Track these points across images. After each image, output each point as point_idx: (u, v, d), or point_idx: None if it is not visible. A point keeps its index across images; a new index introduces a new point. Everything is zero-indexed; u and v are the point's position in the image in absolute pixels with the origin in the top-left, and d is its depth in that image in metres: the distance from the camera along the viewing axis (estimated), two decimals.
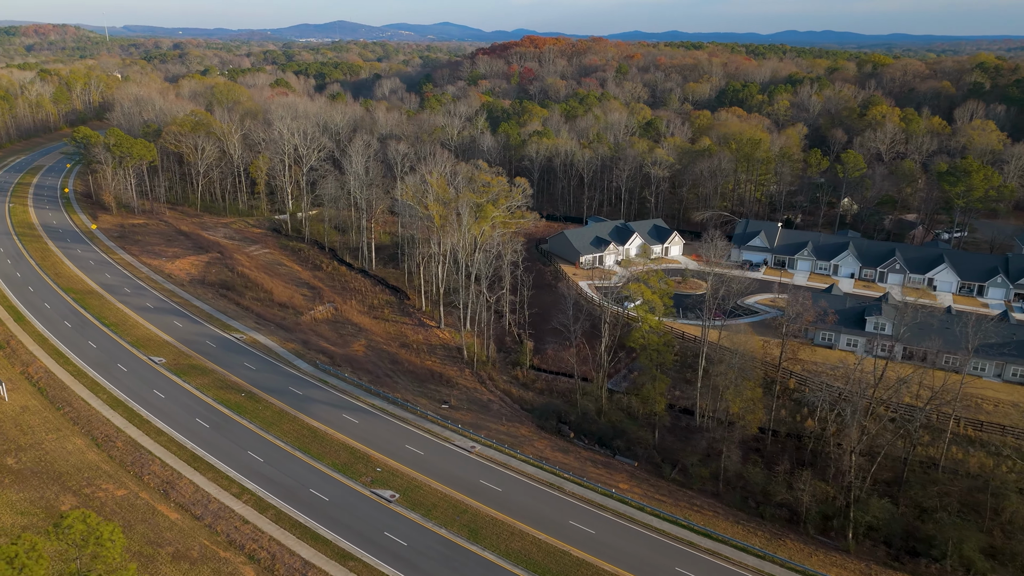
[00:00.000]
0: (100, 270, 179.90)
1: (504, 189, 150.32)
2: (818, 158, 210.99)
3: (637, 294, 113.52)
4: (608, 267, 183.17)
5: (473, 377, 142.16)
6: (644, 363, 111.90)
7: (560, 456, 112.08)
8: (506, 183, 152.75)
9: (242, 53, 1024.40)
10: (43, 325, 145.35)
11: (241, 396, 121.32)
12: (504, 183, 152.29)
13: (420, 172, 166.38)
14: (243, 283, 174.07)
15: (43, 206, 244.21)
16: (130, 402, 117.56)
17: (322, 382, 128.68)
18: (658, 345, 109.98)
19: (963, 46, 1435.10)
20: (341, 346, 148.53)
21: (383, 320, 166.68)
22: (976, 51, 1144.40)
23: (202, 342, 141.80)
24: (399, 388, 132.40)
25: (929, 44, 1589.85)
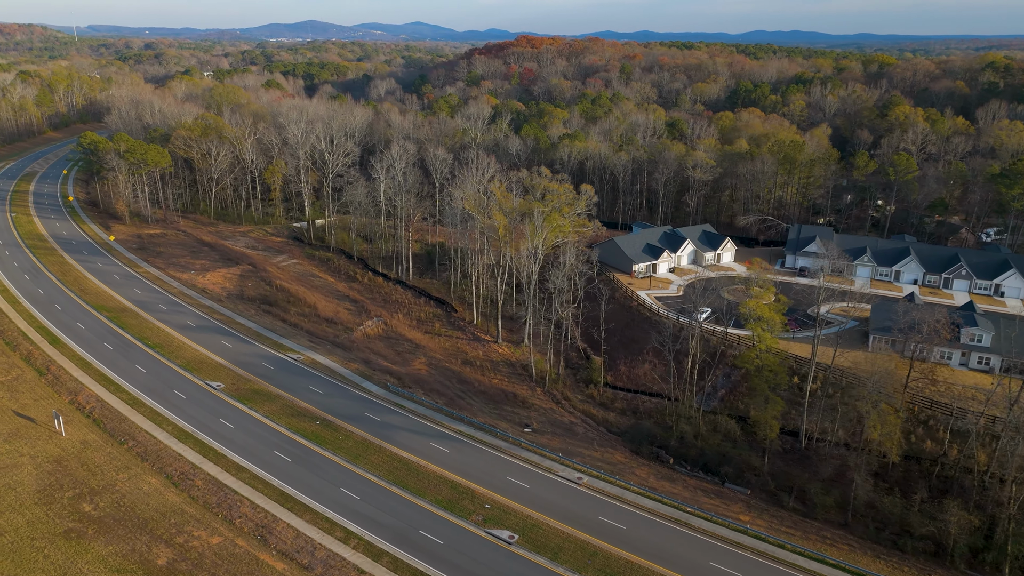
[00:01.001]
0: (128, 285, 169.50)
1: (569, 196, 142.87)
2: (865, 160, 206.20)
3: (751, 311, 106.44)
4: (662, 275, 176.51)
5: (547, 397, 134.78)
6: (757, 385, 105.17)
7: (667, 485, 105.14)
8: (572, 190, 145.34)
9: (219, 53, 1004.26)
10: (82, 347, 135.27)
11: (316, 424, 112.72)
12: (571, 190, 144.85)
13: (476, 180, 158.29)
14: (285, 298, 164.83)
15: (48, 215, 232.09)
16: (198, 434, 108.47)
17: (397, 406, 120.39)
18: (774, 366, 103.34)
19: (932, 45, 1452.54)
20: (402, 364, 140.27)
21: (435, 335, 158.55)
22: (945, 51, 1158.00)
23: (258, 364, 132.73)
24: (474, 410, 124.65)
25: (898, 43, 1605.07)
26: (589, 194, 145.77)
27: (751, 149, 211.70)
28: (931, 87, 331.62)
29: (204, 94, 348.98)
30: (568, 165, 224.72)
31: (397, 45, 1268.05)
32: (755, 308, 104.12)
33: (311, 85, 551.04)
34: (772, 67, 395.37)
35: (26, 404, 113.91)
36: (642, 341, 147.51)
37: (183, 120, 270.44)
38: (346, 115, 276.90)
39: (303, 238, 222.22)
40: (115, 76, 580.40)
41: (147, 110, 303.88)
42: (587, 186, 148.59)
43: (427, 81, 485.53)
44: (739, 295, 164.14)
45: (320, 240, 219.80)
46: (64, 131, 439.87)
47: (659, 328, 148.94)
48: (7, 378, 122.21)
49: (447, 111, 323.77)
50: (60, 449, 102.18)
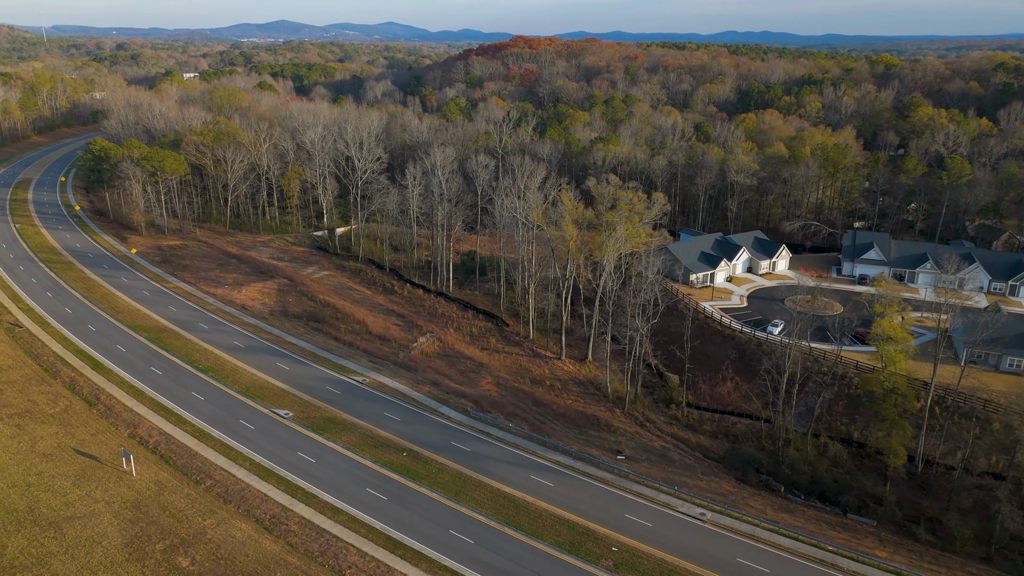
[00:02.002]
0: (160, 302, 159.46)
1: (642, 205, 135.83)
2: (914, 163, 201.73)
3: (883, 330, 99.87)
4: (720, 285, 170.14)
5: (628, 419, 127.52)
6: (884, 409, 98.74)
7: (787, 517, 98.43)
8: (645, 198, 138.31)
9: (196, 54, 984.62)
10: (129, 373, 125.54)
11: (403, 456, 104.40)
12: (644, 198, 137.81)
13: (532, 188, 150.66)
14: (332, 314, 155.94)
15: (55, 226, 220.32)
16: (279, 470, 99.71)
17: (482, 433, 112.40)
18: (904, 389, 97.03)
19: (903, 46, 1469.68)
20: (470, 385, 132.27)
21: (493, 352, 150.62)
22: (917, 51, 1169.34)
23: (322, 388, 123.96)
24: (559, 435, 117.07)
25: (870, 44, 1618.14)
26: (661, 202, 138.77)
27: (795, 152, 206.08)
28: (945, 88, 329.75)
29: (203, 97, 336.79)
30: (601, 170, 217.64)
31: (376, 46, 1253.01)
32: (887, 327, 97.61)
33: (300, 87, 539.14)
34: (780, 68, 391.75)
35: (84, 440, 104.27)
36: (717, 357, 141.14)
37: (190, 125, 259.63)
38: (360, 119, 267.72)
39: (327, 247, 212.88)
40: (96, 78, 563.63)
41: (146, 114, 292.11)
42: (659, 194, 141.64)
43: (422, 82, 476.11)
44: (805, 305, 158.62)
45: (346, 250, 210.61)
46: (49, 135, 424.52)
47: (735, 343, 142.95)
48: (55, 410, 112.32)
49: (457, 114, 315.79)
50: (135, 492, 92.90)
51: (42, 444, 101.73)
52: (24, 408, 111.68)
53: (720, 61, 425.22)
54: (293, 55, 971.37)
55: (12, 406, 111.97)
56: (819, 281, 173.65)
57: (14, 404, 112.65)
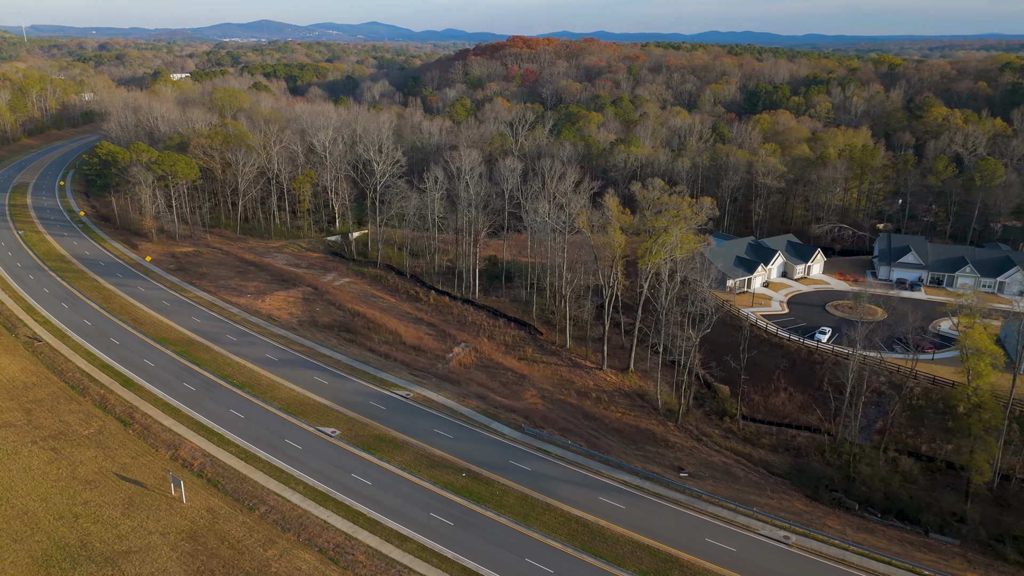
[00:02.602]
0: (183, 313, 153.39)
1: (690, 210, 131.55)
2: (944, 164, 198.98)
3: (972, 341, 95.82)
4: (757, 291, 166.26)
5: (683, 433, 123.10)
6: (970, 424, 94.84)
7: (868, 538, 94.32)
8: (693, 202, 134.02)
9: (183, 54, 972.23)
10: (161, 389, 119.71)
11: (462, 477, 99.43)
12: (693, 203, 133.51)
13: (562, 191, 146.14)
14: (363, 324, 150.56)
15: (60, 233, 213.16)
16: (336, 494, 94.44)
17: (540, 451, 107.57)
18: (991, 404, 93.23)
19: (887, 45, 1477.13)
20: (514, 398, 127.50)
21: (531, 362, 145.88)
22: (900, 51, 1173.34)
23: (365, 403, 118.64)
24: (615, 451, 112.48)
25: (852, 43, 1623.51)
26: (708, 206, 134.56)
27: (823, 153, 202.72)
28: (953, 88, 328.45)
29: (204, 98, 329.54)
30: (623, 172, 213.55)
31: (364, 45, 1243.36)
32: (976, 338, 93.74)
33: (294, 87, 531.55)
34: (783, 68, 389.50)
35: (126, 464, 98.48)
36: (767, 366, 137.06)
37: (195, 127, 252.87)
38: (369, 121, 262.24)
39: (343, 253, 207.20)
40: (84, 79, 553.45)
41: (146, 116, 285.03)
42: (707, 199, 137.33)
43: (420, 83, 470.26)
44: (848, 312, 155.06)
45: (363, 255, 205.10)
46: (40, 137, 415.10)
47: (784, 351, 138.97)
48: (90, 431, 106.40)
49: (463, 115, 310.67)
50: (188, 521, 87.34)
51: (82, 469, 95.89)
52: (57, 429, 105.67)
53: (723, 61, 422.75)
54: (281, 55, 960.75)
55: (44, 427, 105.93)
56: (856, 286, 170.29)
57: (46, 425, 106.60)
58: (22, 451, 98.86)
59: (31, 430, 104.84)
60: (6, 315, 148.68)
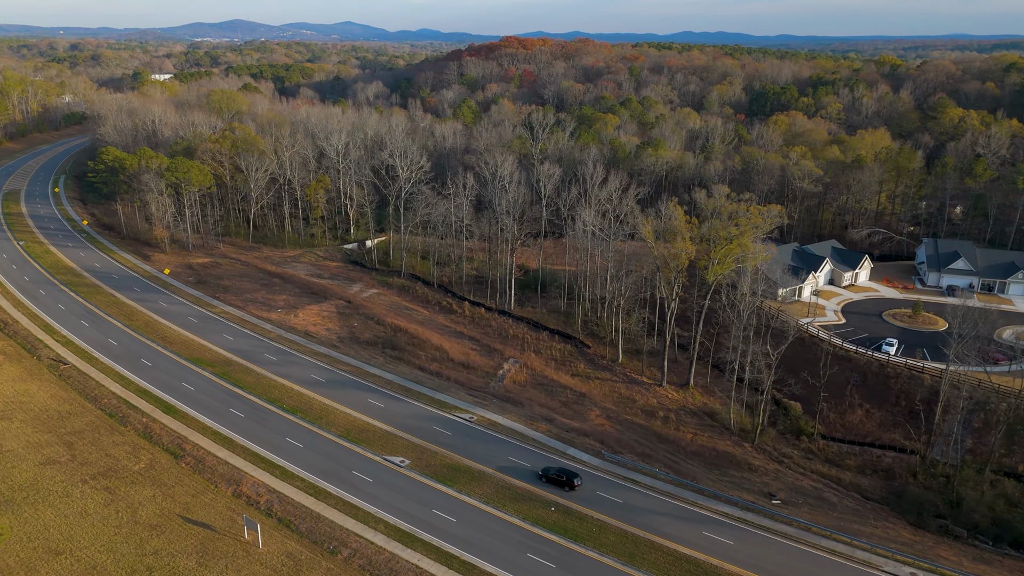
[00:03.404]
0: (213, 330, 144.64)
1: (760, 218, 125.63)
2: (983, 167, 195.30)
3: None
4: (807, 300, 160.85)
5: (761, 454, 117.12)
6: None
7: (988, 569, 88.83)
8: (764, 209, 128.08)
9: (160, 54, 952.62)
10: (207, 416, 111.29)
11: (551, 511, 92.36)
12: (763, 211, 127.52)
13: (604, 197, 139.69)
14: (407, 340, 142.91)
15: (64, 243, 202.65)
16: (421, 533, 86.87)
17: (628, 481, 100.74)
18: None
19: (861, 46, 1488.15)
20: (579, 419, 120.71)
21: (585, 378, 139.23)
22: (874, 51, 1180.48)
23: (428, 428, 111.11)
24: (699, 476, 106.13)
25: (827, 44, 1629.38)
26: (776, 214, 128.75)
27: (859, 156, 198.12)
28: (962, 88, 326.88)
29: (200, 100, 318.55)
30: (653, 175, 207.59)
31: (343, 46, 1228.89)
32: None
33: (282, 88, 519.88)
34: (787, 69, 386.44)
35: (188, 504, 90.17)
36: (836, 381, 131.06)
37: (199, 131, 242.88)
38: (380, 124, 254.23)
39: (363, 262, 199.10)
40: (65, 80, 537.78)
41: (143, 120, 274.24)
42: (776, 206, 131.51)
43: (413, 83, 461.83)
44: (907, 321, 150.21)
45: (385, 264, 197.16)
46: (22, 141, 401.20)
47: (852, 365, 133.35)
48: (140, 466, 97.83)
49: (470, 117, 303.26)
50: (270, 570, 79.42)
51: (143, 512, 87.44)
52: (106, 465, 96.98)
53: (724, 62, 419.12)
54: (260, 55, 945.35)
55: (91, 463, 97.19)
56: (906, 293, 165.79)
57: (93, 461, 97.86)
58: (73, 492, 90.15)
59: (77, 467, 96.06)
60: (24, 335, 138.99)
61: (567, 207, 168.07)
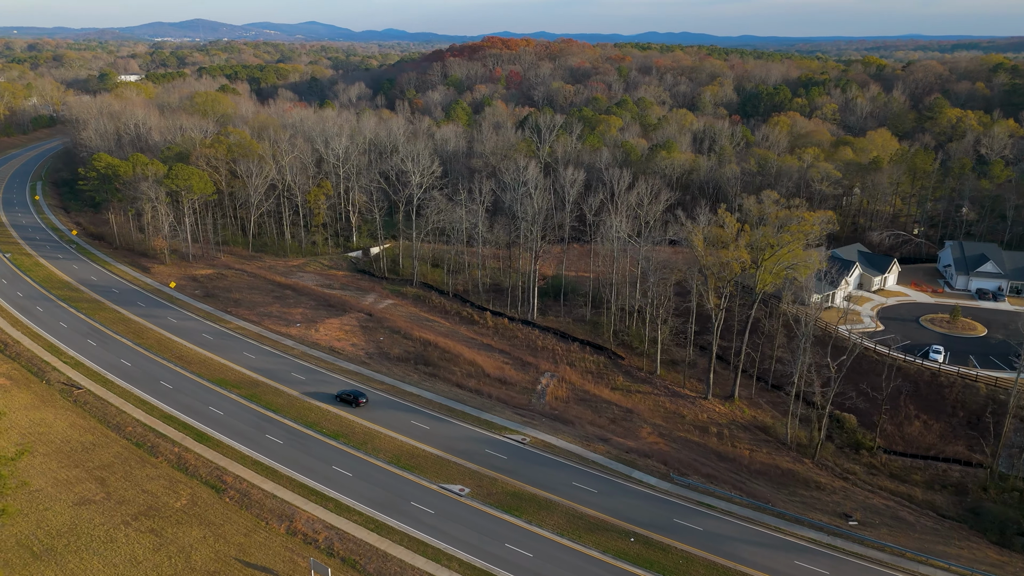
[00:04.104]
0: (231, 348, 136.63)
1: (816, 226, 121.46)
2: (1001, 167, 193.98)
3: None
4: (840, 305, 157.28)
5: (823, 471, 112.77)
6: None
7: None
8: (814, 217, 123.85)
9: (124, 54, 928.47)
10: (243, 444, 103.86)
11: (631, 542, 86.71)
12: (815, 217, 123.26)
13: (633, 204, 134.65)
14: (439, 355, 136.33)
15: (54, 255, 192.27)
16: (501, 572, 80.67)
17: (703, 506, 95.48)
18: None
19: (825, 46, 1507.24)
20: (631, 437, 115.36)
21: (626, 392, 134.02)
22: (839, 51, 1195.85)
23: (481, 452, 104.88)
24: (766, 496, 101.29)
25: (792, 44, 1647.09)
26: (827, 219, 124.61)
27: (877, 158, 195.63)
28: (952, 89, 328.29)
29: (184, 103, 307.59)
30: (668, 179, 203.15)
31: (312, 46, 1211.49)
32: None
33: (258, 89, 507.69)
34: (775, 70, 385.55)
35: (243, 545, 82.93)
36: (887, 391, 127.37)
37: (190, 136, 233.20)
38: (379, 127, 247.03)
39: (371, 271, 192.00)
40: (31, 82, 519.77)
41: (127, 124, 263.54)
42: (828, 212, 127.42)
43: (394, 84, 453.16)
44: (945, 327, 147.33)
45: (394, 273, 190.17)
46: None
47: (902, 374, 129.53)
48: (182, 503, 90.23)
49: (464, 120, 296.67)
50: None
51: (197, 557, 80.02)
52: (146, 503, 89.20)
53: (712, 62, 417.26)
54: (228, 55, 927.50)
55: (130, 502, 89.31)
56: (936, 297, 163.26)
57: (131, 499, 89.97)
58: (118, 537, 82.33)
59: (115, 506, 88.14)
60: (28, 357, 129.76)
61: (592, 212, 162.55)
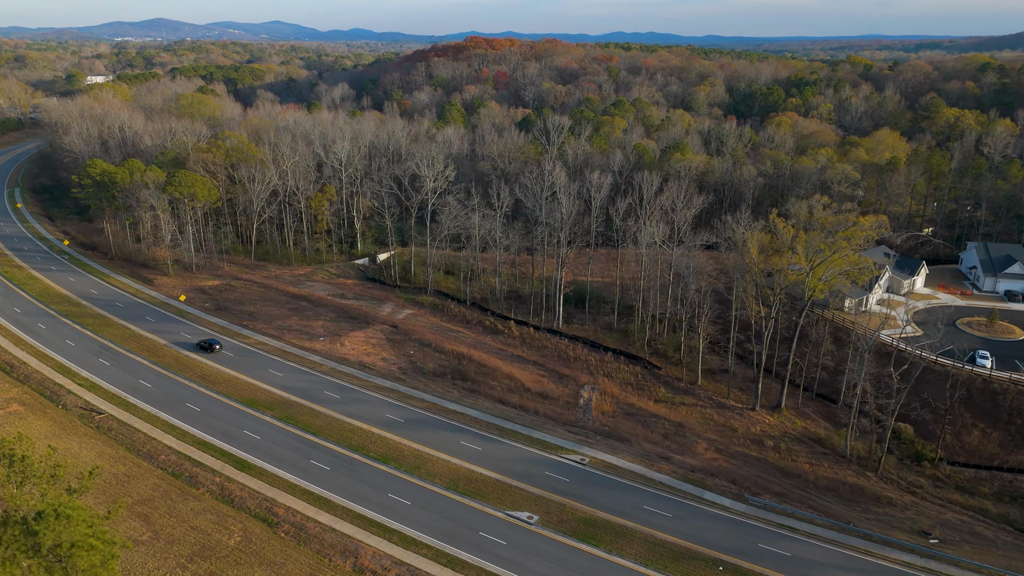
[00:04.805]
0: (255, 365, 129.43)
1: (872, 231, 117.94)
2: (1019, 167, 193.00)
3: None
4: (874, 309, 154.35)
5: (889, 484, 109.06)
6: None
7: None
8: (865, 219, 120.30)
9: (88, 55, 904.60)
10: (288, 471, 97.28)
11: (719, 571, 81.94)
12: (871, 221, 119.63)
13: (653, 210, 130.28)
14: (475, 369, 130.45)
15: (46, 267, 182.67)
16: None
17: (784, 528, 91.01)
18: None
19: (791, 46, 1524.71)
20: (688, 453, 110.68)
21: (670, 404, 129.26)
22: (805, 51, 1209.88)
23: (540, 474, 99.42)
24: (839, 514, 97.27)
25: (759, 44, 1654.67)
26: (879, 224, 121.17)
27: (895, 159, 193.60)
28: (944, 88, 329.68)
29: (168, 105, 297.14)
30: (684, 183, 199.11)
31: (282, 45, 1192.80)
32: None
33: (235, 90, 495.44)
34: (766, 70, 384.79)
35: None
36: (942, 399, 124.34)
37: (183, 139, 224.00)
38: (379, 129, 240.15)
39: (382, 279, 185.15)
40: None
41: (111, 127, 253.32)
42: (880, 216, 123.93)
43: (377, 85, 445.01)
44: (984, 330, 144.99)
45: (405, 281, 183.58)
46: None
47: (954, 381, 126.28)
48: (235, 540, 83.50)
49: (460, 121, 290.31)
50: None
51: None
52: (198, 543, 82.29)
53: (701, 63, 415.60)
54: (196, 56, 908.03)
55: (180, 541, 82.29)
56: (965, 299, 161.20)
57: (180, 537, 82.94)
58: None
59: (166, 547, 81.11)
60: (39, 379, 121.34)
61: (619, 216, 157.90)
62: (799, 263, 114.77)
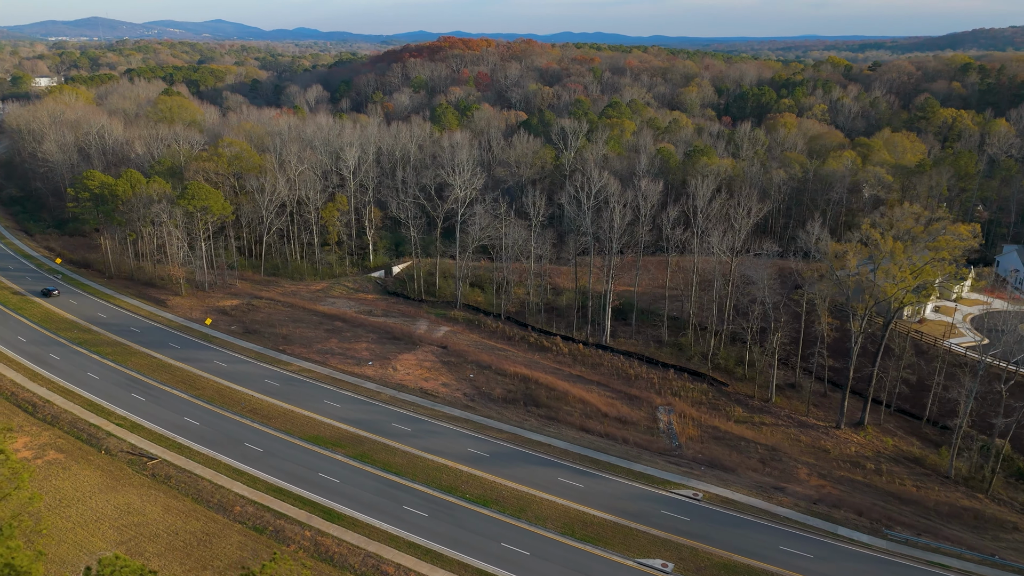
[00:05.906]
0: (307, 395, 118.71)
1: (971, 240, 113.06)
2: None
3: None
4: (930, 316, 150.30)
5: (1005, 507, 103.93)
6: None
7: None
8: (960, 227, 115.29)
9: (31, 55, 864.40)
10: (385, 521, 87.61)
11: None
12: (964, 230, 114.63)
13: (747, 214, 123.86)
14: (546, 395, 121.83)
15: (40, 289, 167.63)
16: None
17: (936, 566, 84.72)
18: None
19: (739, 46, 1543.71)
20: (793, 481, 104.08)
21: (751, 424, 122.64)
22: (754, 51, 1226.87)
23: (656, 513, 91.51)
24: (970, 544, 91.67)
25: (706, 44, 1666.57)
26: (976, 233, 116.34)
27: (924, 162, 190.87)
28: (932, 88, 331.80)
29: (145, 109, 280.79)
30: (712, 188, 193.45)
31: (232, 45, 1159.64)
32: None
33: (198, 92, 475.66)
34: (751, 71, 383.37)
35: None
36: None
37: (179, 148, 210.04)
38: (382, 135, 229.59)
39: (404, 293, 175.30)
40: None
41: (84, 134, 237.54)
42: (975, 225, 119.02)
43: (351, 86, 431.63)
44: None
45: (430, 294, 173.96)
46: None
47: None
48: None
49: (455, 124, 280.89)
50: None
51: None
52: None
53: (683, 63, 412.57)
54: (144, 56, 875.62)
55: None
56: (1015, 303, 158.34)
57: None
58: None
59: None
60: (70, 420, 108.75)
61: (670, 225, 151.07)
62: (896, 274, 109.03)
